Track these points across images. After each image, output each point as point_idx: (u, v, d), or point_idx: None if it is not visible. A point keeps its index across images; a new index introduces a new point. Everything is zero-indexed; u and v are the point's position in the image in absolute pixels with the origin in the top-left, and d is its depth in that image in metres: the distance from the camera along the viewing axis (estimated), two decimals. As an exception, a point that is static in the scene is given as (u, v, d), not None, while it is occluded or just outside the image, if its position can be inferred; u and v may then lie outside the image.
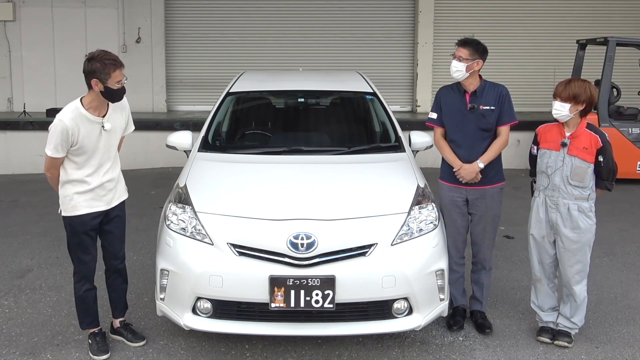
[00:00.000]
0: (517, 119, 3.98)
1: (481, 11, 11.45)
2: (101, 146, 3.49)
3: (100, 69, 3.32)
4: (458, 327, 3.98)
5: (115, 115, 3.56)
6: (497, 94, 3.89)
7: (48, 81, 11.08)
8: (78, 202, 3.49)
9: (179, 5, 11.46)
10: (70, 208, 3.51)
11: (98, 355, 3.61)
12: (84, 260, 3.59)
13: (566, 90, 3.58)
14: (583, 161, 3.60)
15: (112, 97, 3.44)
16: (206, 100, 10.40)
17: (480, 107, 3.87)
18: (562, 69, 10.32)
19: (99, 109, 3.47)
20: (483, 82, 3.94)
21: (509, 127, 3.92)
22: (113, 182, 3.61)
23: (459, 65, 3.82)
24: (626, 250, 5.71)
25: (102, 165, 3.52)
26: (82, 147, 3.41)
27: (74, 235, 3.55)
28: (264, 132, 5.24)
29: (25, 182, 8.73)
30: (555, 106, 3.62)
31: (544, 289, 3.88)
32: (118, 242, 3.73)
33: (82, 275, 3.62)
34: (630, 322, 4.17)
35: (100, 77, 3.33)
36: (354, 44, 11.51)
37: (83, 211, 3.50)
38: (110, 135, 3.53)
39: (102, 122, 3.47)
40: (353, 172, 4.16)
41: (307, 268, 3.32)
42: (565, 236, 3.68)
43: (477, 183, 3.90)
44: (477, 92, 3.89)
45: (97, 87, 3.36)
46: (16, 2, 10.97)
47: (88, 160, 3.46)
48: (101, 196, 3.55)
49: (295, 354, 3.69)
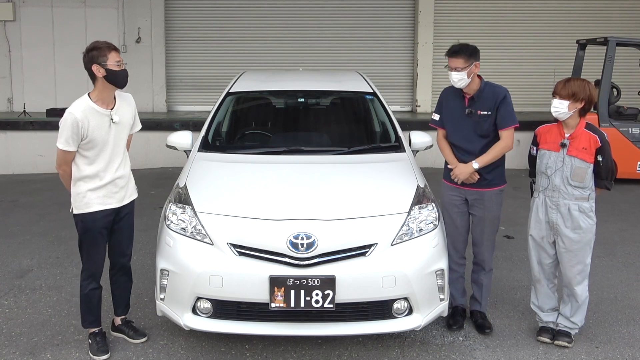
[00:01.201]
0: (517, 121, 3.87)
1: (481, 11, 11.46)
2: (111, 139, 3.52)
3: (97, 53, 3.40)
4: (458, 327, 3.98)
5: (122, 108, 3.61)
6: (494, 98, 3.83)
7: (48, 81, 11.08)
8: (91, 199, 3.51)
9: (179, 5, 11.47)
10: (83, 205, 3.52)
11: (98, 355, 3.62)
12: (94, 258, 3.61)
13: (565, 88, 3.59)
14: (583, 161, 3.60)
15: (116, 80, 3.47)
16: (206, 100, 10.41)
17: (477, 112, 3.84)
18: (562, 69, 10.31)
19: (107, 102, 3.53)
20: (483, 84, 3.88)
21: (511, 131, 3.83)
22: (124, 180, 3.64)
23: (460, 75, 3.77)
24: (626, 250, 5.71)
25: (113, 161, 3.55)
26: (92, 141, 3.45)
27: (85, 233, 3.57)
28: (264, 132, 5.24)
29: (25, 182, 8.73)
30: (554, 104, 3.63)
31: (543, 289, 3.88)
32: (127, 241, 3.77)
33: (90, 274, 3.63)
34: (630, 322, 4.18)
35: (99, 60, 3.40)
36: (354, 44, 11.51)
37: (95, 208, 3.52)
38: (119, 129, 3.57)
39: (110, 115, 3.51)
40: (353, 172, 4.16)
41: (307, 268, 3.32)
42: (566, 237, 3.68)
43: (475, 185, 3.88)
44: (474, 97, 3.86)
45: (99, 72, 3.42)
46: (16, 2, 10.97)
47: (99, 155, 3.50)
48: (113, 193, 3.58)
49: (295, 354, 3.69)
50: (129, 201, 3.71)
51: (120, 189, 3.61)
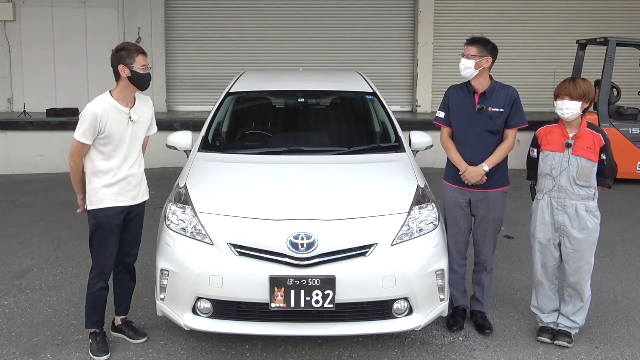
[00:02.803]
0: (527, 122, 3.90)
1: (481, 11, 11.45)
2: (127, 137, 3.58)
3: (125, 54, 3.52)
4: (458, 327, 3.98)
5: (141, 108, 3.70)
6: (506, 96, 3.84)
7: (48, 81, 11.06)
8: (104, 194, 3.54)
9: (179, 5, 11.47)
10: (97, 201, 3.55)
11: (98, 356, 3.62)
12: (103, 256, 3.62)
13: (576, 89, 3.56)
14: (588, 160, 3.59)
15: (139, 82, 3.58)
16: (206, 100, 10.40)
17: (489, 109, 3.82)
18: (562, 69, 10.31)
19: (127, 100, 3.61)
20: (493, 82, 3.89)
21: (516, 131, 3.87)
22: (137, 178, 3.68)
23: (468, 63, 3.78)
24: (626, 250, 5.70)
25: (128, 158, 3.61)
26: (109, 136, 3.51)
27: (97, 230, 3.59)
28: (264, 132, 5.24)
29: (25, 182, 8.73)
30: (565, 105, 3.57)
31: (545, 292, 3.86)
32: (134, 241, 3.79)
33: (99, 273, 3.64)
34: (630, 322, 4.17)
35: (127, 61, 3.51)
36: (354, 44, 11.51)
37: (108, 204, 3.55)
38: (136, 128, 3.63)
39: (129, 113, 3.59)
40: (353, 172, 4.15)
41: (307, 268, 3.32)
42: (573, 237, 3.67)
43: (481, 186, 3.87)
44: (486, 93, 3.85)
45: (124, 72, 3.52)
46: (16, 2, 10.96)
47: (115, 151, 3.55)
48: (126, 191, 3.61)
49: (295, 354, 3.69)
50: (141, 201, 3.75)
51: (133, 187, 3.64)
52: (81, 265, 5.13)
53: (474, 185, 3.87)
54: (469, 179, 3.85)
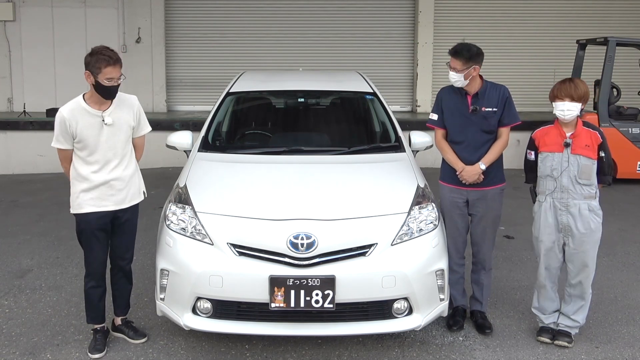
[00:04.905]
0: (520, 119, 3.95)
1: (481, 11, 11.45)
2: (103, 141, 3.50)
3: (93, 62, 3.37)
4: (458, 327, 3.98)
5: (119, 111, 3.56)
6: (499, 96, 3.87)
7: (48, 81, 11.07)
8: (83, 200, 3.52)
9: (179, 5, 11.46)
10: (76, 206, 3.54)
11: (92, 353, 3.63)
12: (90, 258, 3.62)
13: (577, 90, 3.57)
14: (588, 158, 3.60)
15: (102, 93, 3.45)
16: (206, 100, 10.39)
17: (482, 109, 3.85)
18: (562, 69, 10.30)
19: (100, 103, 3.50)
20: (484, 83, 3.91)
21: (509, 129, 3.91)
22: (122, 182, 3.58)
23: (457, 76, 3.81)
24: (626, 250, 5.70)
25: (108, 163, 3.53)
26: (83, 140, 3.46)
27: (81, 234, 3.60)
28: (264, 132, 5.24)
29: (25, 182, 8.73)
30: (567, 107, 3.57)
31: (547, 294, 3.86)
32: (126, 246, 3.75)
33: (88, 272, 3.65)
34: (630, 322, 4.17)
35: (92, 70, 3.38)
36: (354, 44, 11.51)
37: (88, 209, 3.52)
38: (113, 131, 3.53)
39: (102, 116, 3.49)
40: (353, 172, 4.16)
41: (307, 268, 3.32)
42: (577, 237, 3.66)
43: (478, 184, 3.89)
44: (478, 94, 3.87)
45: (88, 79, 3.43)
46: (16, 2, 10.96)
47: (92, 155, 3.49)
48: (109, 195, 3.55)
49: (295, 354, 3.69)
50: (129, 205, 3.65)
51: (118, 192, 3.57)
52: (81, 265, 5.07)
53: (471, 184, 3.88)
54: (466, 179, 3.87)
